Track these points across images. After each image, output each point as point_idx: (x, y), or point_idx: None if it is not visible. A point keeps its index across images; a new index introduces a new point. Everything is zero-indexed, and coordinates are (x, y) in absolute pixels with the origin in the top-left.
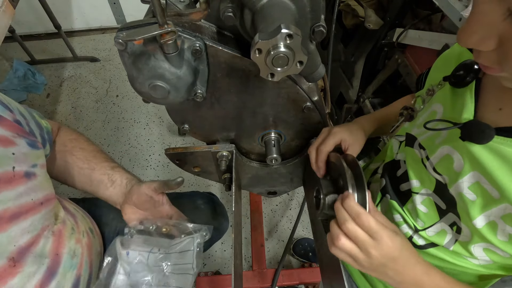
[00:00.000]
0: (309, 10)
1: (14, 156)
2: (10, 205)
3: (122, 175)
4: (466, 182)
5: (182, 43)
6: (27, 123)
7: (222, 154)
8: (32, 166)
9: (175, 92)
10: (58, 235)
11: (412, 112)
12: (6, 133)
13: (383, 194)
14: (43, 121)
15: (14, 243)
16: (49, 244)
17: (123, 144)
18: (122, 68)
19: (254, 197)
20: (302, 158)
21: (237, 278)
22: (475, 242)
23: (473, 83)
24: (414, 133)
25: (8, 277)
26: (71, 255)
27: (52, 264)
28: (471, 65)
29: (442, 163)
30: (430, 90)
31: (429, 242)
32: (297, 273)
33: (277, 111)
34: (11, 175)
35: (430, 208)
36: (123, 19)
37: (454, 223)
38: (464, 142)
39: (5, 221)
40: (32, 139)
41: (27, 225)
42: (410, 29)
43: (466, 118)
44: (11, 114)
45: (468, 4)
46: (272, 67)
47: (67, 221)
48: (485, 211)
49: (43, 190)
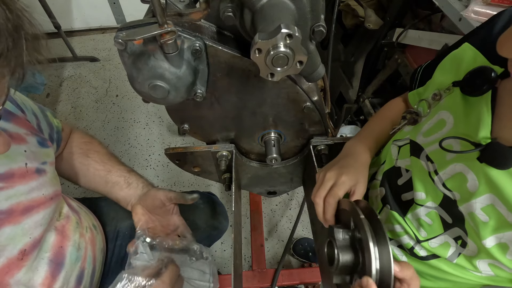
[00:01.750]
0: (309, 10)
1: (25, 153)
2: (22, 199)
3: (138, 178)
4: (480, 203)
5: (182, 43)
6: (38, 123)
7: (222, 154)
8: (42, 163)
9: (175, 92)
10: (61, 229)
11: (416, 116)
12: (20, 131)
13: (383, 203)
14: (55, 120)
15: (29, 235)
16: (52, 239)
17: (123, 144)
18: (122, 68)
19: (254, 197)
20: (302, 158)
21: (237, 278)
22: (481, 258)
23: (489, 93)
24: (420, 142)
25: (15, 270)
26: (76, 248)
27: (55, 257)
28: (489, 72)
29: (454, 181)
30: (436, 95)
31: (431, 254)
32: (297, 273)
33: (277, 111)
34: (25, 171)
35: (435, 221)
36: (123, 19)
37: (460, 237)
38: (481, 164)
39: (18, 214)
40: (42, 137)
41: (40, 218)
42: (410, 29)
43: (484, 136)
44: (22, 114)
45: (468, 4)
46: (272, 67)
47: (72, 216)
48: (497, 233)
49: (52, 186)
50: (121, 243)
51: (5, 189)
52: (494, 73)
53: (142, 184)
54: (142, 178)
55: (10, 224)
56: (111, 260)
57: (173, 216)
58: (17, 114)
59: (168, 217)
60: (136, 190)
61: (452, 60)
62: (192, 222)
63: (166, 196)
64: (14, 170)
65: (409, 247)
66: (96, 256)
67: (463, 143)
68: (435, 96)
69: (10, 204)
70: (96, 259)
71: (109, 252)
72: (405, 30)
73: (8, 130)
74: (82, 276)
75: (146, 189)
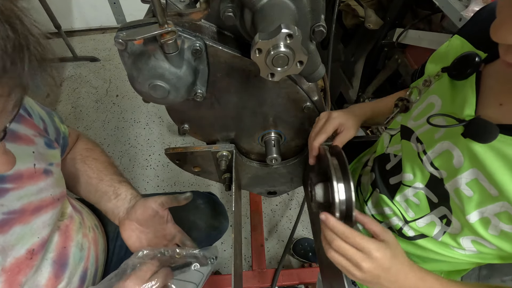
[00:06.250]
0: (309, 10)
1: (34, 154)
2: (33, 199)
3: (128, 190)
4: (464, 178)
5: (182, 43)
6: (45, 127)
7: (222, 154)
8: (49, 165)
9: (175, 92)
10: (65, 230)
11: (407, 103)
12: (28, 132)
13: (373, 188)
14: (62, 125)
15: (38, 235)
16: (55, 238)
17: (123, 144)
18: (122, 68)
19: (254, 197)
20: (302, 158)
21: (237, 278)
22: (464, 235)
23: (474, 76)
24: (411, 126)
25: (26, 269)
26: (79, 248)
27: (58, 257)
28: (473, 58)
29: (441, 158)
30: (427, 81)
31: (419, 234)
32: (297, 273)
33: (277, 111)
34: (33, 171)
35: (422, 201)
36: (123, 19)
37: (445, 216)
38: (465, 139)
39: (29, 213)
40: (49, 138)
41: (48, 218)
42: (410, 29)
43: (468, 114)
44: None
45: (468, 4)
46: (272, 67)
47: (75, 216)
48: (481, 207)
49: (59, 187)
50: (121, 244)
51: (15, 189)
52: (478, 57)
53: (131, 196)
54: (132, 189)
55: (20, 224)
56: (111, 260)
57: (168, 224)
58: (25, 116)
59: (163, 226)
60: (123, 202)
61: (441, 50)
62: (192, 222)
63: (157, 202)
64: (22, 171)
65: (397, 228)
66: (98, 256)
67: (449, 120)
68: (425, 82)
69: (22, 204)
70: (98, 259)
71: (109, 252)
72: (405, 30)
73: (18, 132)
74: (85, 276)
75: (134, 201)
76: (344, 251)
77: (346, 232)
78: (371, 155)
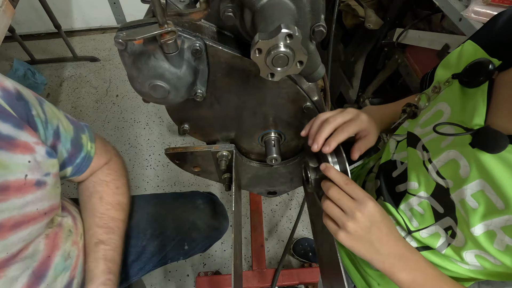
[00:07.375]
0: (309, 10)
1: (29, 164)
2: (15, 213)
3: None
4: (470, 189)
5: (182, 43)
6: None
7: (222, 154)
8: (45, 175)
9: (175, 92)
10: (53, 237)
11: (416, 109)
12: (30, 139)
13: (377, 195)
14: (90, 144)
15: (7, 251)
16: (41, 247)
17: (123, 144)
18: (122, 68)
19: (254, 197)
20: (302, 158)
21: (237, 278)
22: (468, 249)
23: (486, 84)
24: (417, 133)
25: None
26: (65, 257)
27: (39, 267)
28: (486, 65)
29: (447, 168)
30: (436, 88)
31: (422, 245)
32: (297, 273)
33: (277, 111)
34: (22, 183)
35: (426, 211)
36: (123, 18)
37: (450, 227)
38: (473, 149)
39: (7, 229)
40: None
41: (25, 235)
42: (410, 29)
43: (477, 123)
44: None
45: (468, 4)
46: (272, 67)
47: (64, 224)
48: (486, 220)
49: (50, 200)
50: None
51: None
52: (492, 65)
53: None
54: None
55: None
56: None
57: None
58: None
59: None
60: None
61: (453, 56)
62: (192, 222)
63: None
64: (9, 182)
65: None
66: None
67: (456, 129)
68: (435, 88)
69: (1, 219)
70: None
71: None
72: (405, 30)
73: (17, 139)
74: (70, 286)
75: None
76: (340, 198)
77: (344, 178)
78: (376, 161)
